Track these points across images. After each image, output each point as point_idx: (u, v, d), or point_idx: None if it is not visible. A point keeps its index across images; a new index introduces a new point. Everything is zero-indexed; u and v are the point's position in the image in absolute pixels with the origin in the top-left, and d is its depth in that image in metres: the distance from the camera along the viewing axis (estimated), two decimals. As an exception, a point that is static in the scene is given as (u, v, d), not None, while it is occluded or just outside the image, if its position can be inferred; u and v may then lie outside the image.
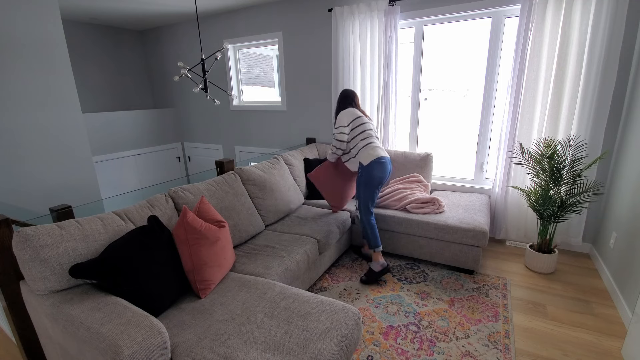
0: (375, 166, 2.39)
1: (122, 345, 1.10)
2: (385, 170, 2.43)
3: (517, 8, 2.75)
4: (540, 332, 1.97)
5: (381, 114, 3.36)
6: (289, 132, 4.24)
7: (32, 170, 2.88)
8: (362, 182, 2.44)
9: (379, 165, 2.39)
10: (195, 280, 1.66)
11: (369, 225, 2.49)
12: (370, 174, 2.40)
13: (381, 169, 2.40)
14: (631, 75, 2.45)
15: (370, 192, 2.45)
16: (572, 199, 2.43)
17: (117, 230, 1.61)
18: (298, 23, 3.77)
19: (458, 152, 3.52)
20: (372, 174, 2.40)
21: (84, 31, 4.56)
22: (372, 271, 2.47)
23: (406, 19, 3.17)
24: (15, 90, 2.73)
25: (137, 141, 4.85)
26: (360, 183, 2.46)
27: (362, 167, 2.44)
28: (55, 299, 1.35)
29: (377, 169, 2.39)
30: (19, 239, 1.34)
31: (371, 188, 2.44)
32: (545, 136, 2.71)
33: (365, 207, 2.49)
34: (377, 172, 2.40)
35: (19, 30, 2.70)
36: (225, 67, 4.50)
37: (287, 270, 2.02)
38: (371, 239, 2.49)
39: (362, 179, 2.44)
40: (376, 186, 2.44)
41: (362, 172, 2.44)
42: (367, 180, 2.42)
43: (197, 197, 2.09)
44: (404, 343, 1.89)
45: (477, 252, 2.48)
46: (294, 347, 1.31)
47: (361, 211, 2.51)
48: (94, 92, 4.76)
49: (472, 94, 3.24)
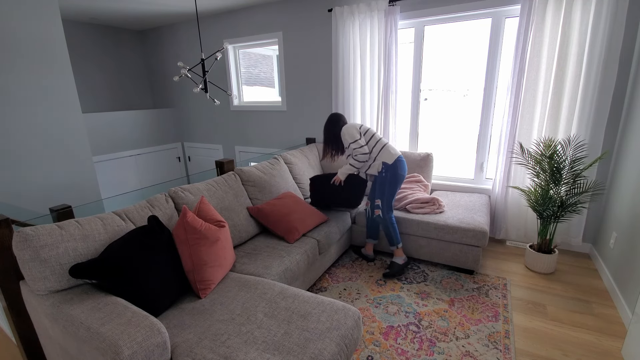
0: (399, 164, 2.49)
1: (122, 345, 1.10)
2: (405, 168, 2.55)
3: (517, 8, 2.75)
4: (540, 332, 1.97)
5: (381, 114, 3.36)
6: (289, 132, 4.24)
7: (32, 170, 2.88)
8: (388, 180, 2.51)
9: (401, 163, 2.51)
10: (195, 280, 1.66)
11: (390, 223, 2.58)
12: (396, 172, 2.49)
13: (403, 167, 2.52)
14: (631, 75, 2.45)
15: (394, 190, 2.54)
16: (572, 199, 2.43)
17: (117, 230, 1.61)
18: (298, 23, 3.77)
19: (458, 152, 3.52)
20: (398, 172, 2.49)
21: (84, 31, 4.56)
22: (396, 264, 2.58)
23: (406, 19, 3.16)
24: (15, 90, 2.72)
25: (137, 141, 4.85)
26: (385, 182, 2.51)
27: (387, 166, 2.50)
28: (55, 299, 1.35)
29: (401, 167, 2.50)
30: (19, 239, 1.34)
31: (395, 185, 2.53)
32: (545, 136, 2.71)
33: (389, 205, 2.56)
34: (401, 170, 2.50)
35: (19, 30, 2.70)
36: (225, 67, 4.50)
37: (287, 270, 2.02)
38: (393, 236, 2.59)
39: (387, 178, 2.51)
40: (400, 183, 2.54)
41: (388, 171, 2.50)
42: (393, 177, 2.50)
43: (197, 197, 2.09)
44: (404, 343, 1.89)
45: (477, 252, 2.48)
46: (294, 347, 1.31)
47: (384, 210, 2.56)
48: (94, 92, 4.76)
49: (472, 94, 3.24)
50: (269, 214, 2.39)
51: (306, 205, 2.61)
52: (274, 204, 2.47)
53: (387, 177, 2.51)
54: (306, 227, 2.41)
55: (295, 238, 2.30)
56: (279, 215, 2.38)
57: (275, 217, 2.37)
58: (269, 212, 2.40)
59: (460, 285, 2.45)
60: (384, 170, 2.51)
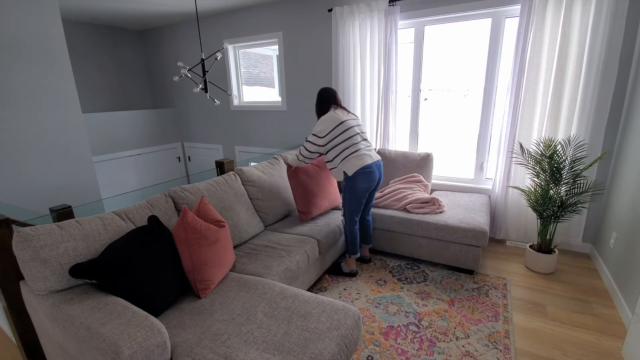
0: (360, 177, 2.27)
1: (122, 345, 1.10)
2: (371, 180, 2.31)
3: (517, 8, 2.75)
4: (540, 332, 1.97)
5: (381, 114, 3.37)
6: (289, 132, 4.24)
7: (32, 170, 2.88)
8: (347, 192, 2.36)
9: (363, 175, 2.27)
10: (195, 280, 1.66)
11: (350, 234, 2.49)
12: (355, 185, 2.30)
13: (366, 179, 2.29)
14: (631, 76, 2.45)
15: (355, 203, 2.37)
16: (572, 199, 2.43)
17: (117, 230, 1.61)
18: (298, 23, 3.77)
19: (458, 152, 3.52)
20: (357, 185, 2.30)
21: (84, 31, 4.56)
22: (340, 270, 2.62)
23: (406, 19, 3.17)
24: (15, 90, 2.73)
25: (137, 141, 4.85)
26: (345, 193, 2.38)
27: (346, 177, 2.33)
28: (55, 299, 1.35)
29: (362, 179, 2.28)
30: (19, 239, 1.34)
31: (356, 199, 2.35)
32: (545, 136, 2.71)
33: (350, 217, 2.44)
34: (361, 183, 2.29)
35: (19, 30, 2.70)
36: (225, 67, 4.50)
37: (287, 270, 2.02)
38: (349, 246, 2.53)
39: (346, 189, 2.36)
40: (361, 197, 2.35)
41: (347, 182, 2.34)
42: (352, 190, 2.33)
43: (197, 197, 2.09)
44: (404, 343, 1.89)
45: (477, 252, 2.48)
46: (294, 347, 1.31)
47: (345, 219, 2.48)
48: (94, 92, 4.76)
49: (472, 94, 3.24)
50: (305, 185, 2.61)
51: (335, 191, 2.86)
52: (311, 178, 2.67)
53: (346, 189, 2.36)
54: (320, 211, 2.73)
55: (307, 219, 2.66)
56: (309, 193, 2.65)
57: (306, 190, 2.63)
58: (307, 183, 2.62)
59: (460, 285, 2.45)
60: (344, 180, 2.37)
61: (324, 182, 2.75)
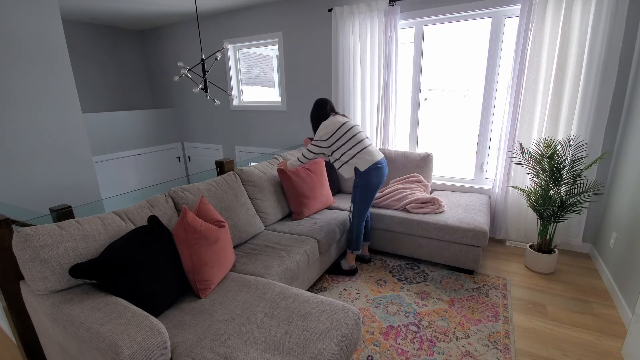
0: (373, 172, 2.34)
1: (122, 345, 1.10)
2: (382, 175, 2.39)
3: (517, 8, 2.75)
4: (540, 332, 1.97)
5: (381, 114, 3.37)
6: (289, 132, 4.24)
7: (32, 170, 2.88)
8: (360, 187, 2.40)
9: (376, 170, 2.35)
10: (195, 280, 1.66)
11: (357, 230, 2.51)
12: (368, 180, 2.35)
13: (378, 174, 2.36)
14: (631, 76, 2.45)
15: (367, 198, 2.42)
16: (572, 199, 2.43)
17: (117, 230, 1.61)
18: (298, 23, 3.77)
19: (458, 152, 3.52)
20: (370, 180, 2.35)
21: (84, 31, 4.56)
22: (340, 268, 2.63)
23: (406, 19, 3.17)
24: (15, 90, 2.73)
25: (137, 141, 4.85)
26: (357, 188, 2.41)
27: (359, 172, 2.36)
28: (55, 299, 1.35)
29: (375, 174, 2.35)
30: (19, 239, 1.34)
31: (368, 193, 2.41)
32: (545, 136, 2.71)
33: (360, 212, 2.47)
34: (374, 177, 2.35)
35: (19, 30, 2.70)
36: (225, 67, 4.50)
37: (287, 270, 2.02)
38: (354, 242, 2.55)
39: (359, 184, 2.39)
40: (374, 191, 2.41)
41: (360, 177, 2.38)
42: (365, 185, 2.37)
43: (197, 197, 2.09)
44: (404, 343, 1.89)
45: (477, 252, 2.48)
46: (294, 347, 1.31)
47: (354, 215, 2.50)
48: (94, 92, 4.76)
49: (472, 94, 3.24)
50: (296, 186, 2.68)
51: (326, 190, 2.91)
52: (302, 180, 2.72)
53: (359, 184, 2.39)
54: (313, 211, 2.79)
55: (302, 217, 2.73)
56: (300, 194, 2.72)
57: (297, 191, 2.71)
58: (298, 184, 2.69)
59: (460, 285, 2.45)
60: (357, 176, 2.39)
61: (315, 184, 2.80)
